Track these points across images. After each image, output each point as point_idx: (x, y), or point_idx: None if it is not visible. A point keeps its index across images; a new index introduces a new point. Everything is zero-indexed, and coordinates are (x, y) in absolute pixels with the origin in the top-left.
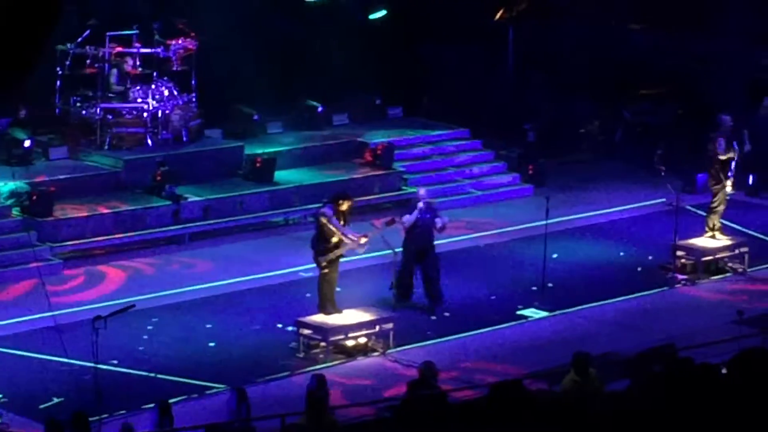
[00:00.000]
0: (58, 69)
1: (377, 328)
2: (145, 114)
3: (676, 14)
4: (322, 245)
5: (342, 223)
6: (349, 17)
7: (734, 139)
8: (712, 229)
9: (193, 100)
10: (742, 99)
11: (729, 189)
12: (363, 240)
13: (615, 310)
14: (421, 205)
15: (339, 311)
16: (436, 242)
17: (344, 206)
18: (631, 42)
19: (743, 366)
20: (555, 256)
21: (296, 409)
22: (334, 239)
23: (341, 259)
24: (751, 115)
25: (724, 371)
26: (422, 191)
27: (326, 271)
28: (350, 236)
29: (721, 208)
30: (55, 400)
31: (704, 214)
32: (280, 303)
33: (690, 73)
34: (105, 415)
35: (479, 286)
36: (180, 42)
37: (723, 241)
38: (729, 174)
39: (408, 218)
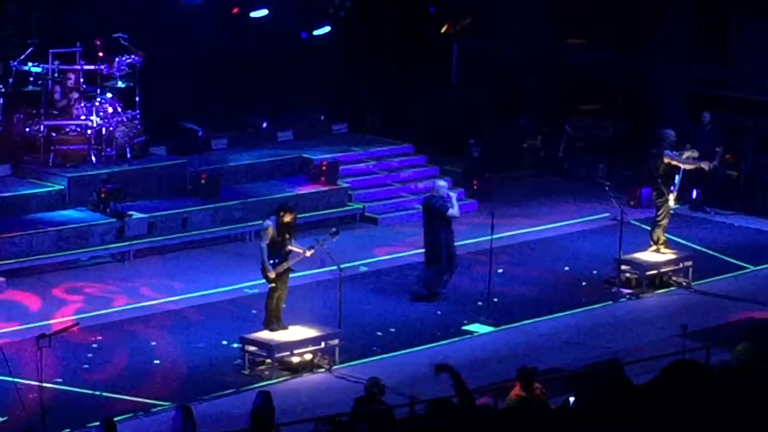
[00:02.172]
0: (0, 86)
1: (323, 344)
2: (89, 131)
3: (615, 30)
4: (271, 259)
5: (287, 236)
6: (293, 34)
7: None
8: (657, 243)
9: (138, 116)
10: (682, 114)
11: (672, 203)
12: (308, 253)
13: (560, 324)
14: (453, 194)
15: (284, 328)
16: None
17: (287, 218)
18: (572, 58)
19: (672, 378)
20: (500, 270)
21: (242, 427)
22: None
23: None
24: (692, 130)
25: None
26: (442, 182)
27: (274, 285)
28: (295, 248)
29: (665, 221)
30: (0, 419)
31: (648, 228)
32: (225, 320)
33: (630, 89)
34: None
35: (425, 302)
36: (124, 58)
37: (667, 255)
38: (672, 188)
39: (457, 210)
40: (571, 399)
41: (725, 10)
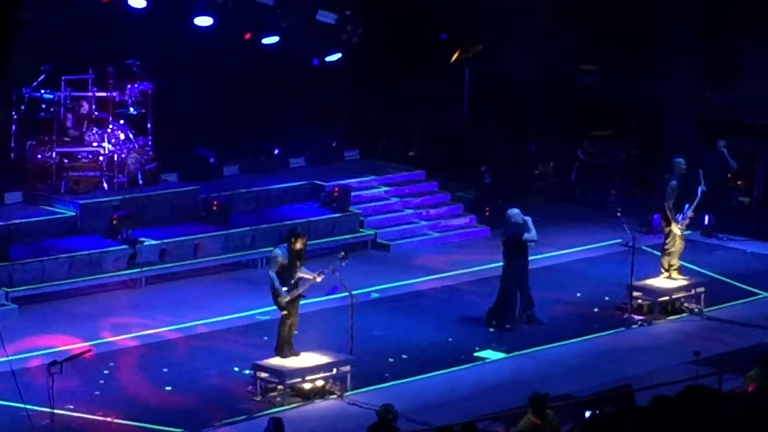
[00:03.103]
0: (13, 113)
1: (335, 370)
2: (101, 158)
3: (628, 55)
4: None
5: (297, 263)
6: (305, 60)
7: (689, 181)
8: (668, 270)
9: (149, 143)
10: (695, 139)
11: (677, 231)
12: (319, 278)
13: (572, 351)
14: (528, 219)
15: (296, 354)
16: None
17: (298, 245)
18: (585, 83)
19: (686, 404)
20: None
21: None
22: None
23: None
24: (704, 156)
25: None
26: (514, 210)
27: (286, 312)
28: (305, 275)
29: (677, 248)
30: None
31: (659, 254)
32: (237, 346)
33: (643, 114)
34: None
35: (437, 328)
36: (137, 85)
37: (679, 281)
38: (679, 217)
39: (534, 234)
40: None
41: (737, 35)
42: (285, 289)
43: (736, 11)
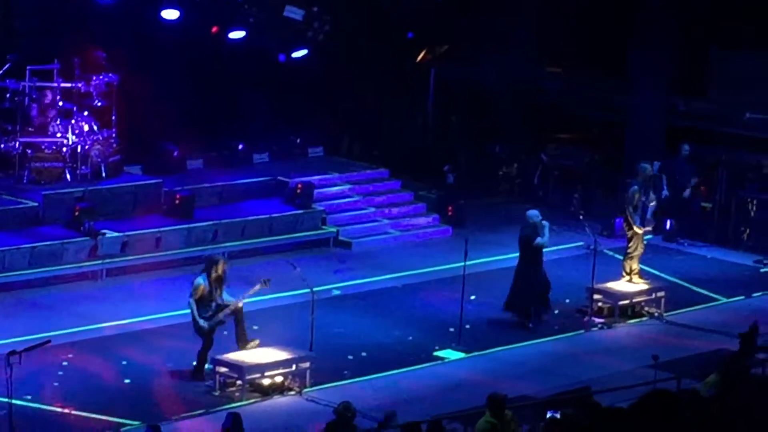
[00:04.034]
0: None
1: (294, 366)
2: (64, 149)
3: (595, 61)
4: (203, 312)
5: (217, 290)
6: (271, 56)
7: (651, 187)
8: (629, 273)
9: (113, 135)
10: (659, 145)
11: (639, 232)
12: (240, 304)
13: (532, 352)
14: (545, 223)
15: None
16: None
17: (219, 271)
18: (550, 86)
19: (647, 408)
20: (473, 297)
21: None
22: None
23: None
24: (668, 161)
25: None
26: (533, 211)
27: (206, 339)
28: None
29: (637, 252)
30: None
31: (621, 257)
32: (196, 341)
33: (607, 120)
34: None
35: (397, 327)
36: (102, 77)
37: (640, 285)
38: (637, 220)
39: (545, 239)
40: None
41: (705, 43)
42: (204, 318)
43: (704, 19)
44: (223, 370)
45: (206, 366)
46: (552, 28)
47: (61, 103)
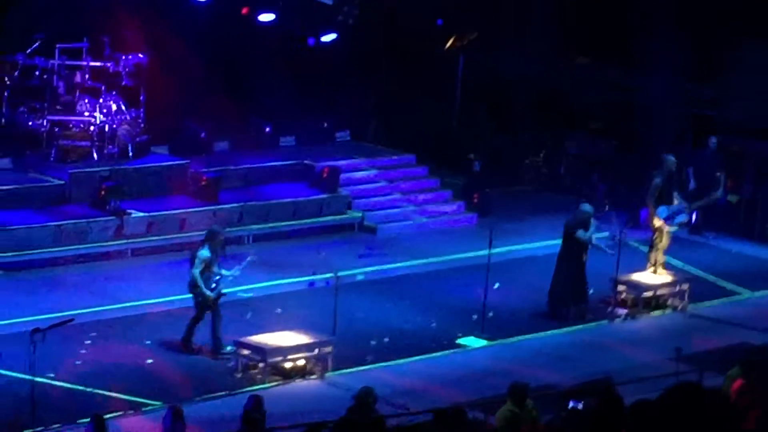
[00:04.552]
0: (6, 79)
1: (316, 351)
2: (92, 128)
3: (619, 49)
4: (207, 284)
5: (217, 260)
6: (300, 39)
7: (675, 180)
8: (654, 264)
9: (141, 115)
10: (685, 135)
11: (660, 225)
12: (237, 273)
13: (555, 342)
14: (594, 222)
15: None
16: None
17: (217, 242)
18: (577, 75)
19: (676, 400)
20: (497, 285)
21: (232, 429)
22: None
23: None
24: (695, 153)
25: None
26: (586, 206)
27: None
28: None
29: (663, 243)
30: None
31: (646, 249)
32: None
33: (633, 108)
34: (40, 428)
35: (420, 313)
36: (131, 57)
37: (664, 277)
38: (667, 210)
39: (587, 235)
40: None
41: (730, 34)
42: (210, 289)
43: (733, 9)
44: (245, 352)
45: (228, 347)
46: (578, 18)
47: (89, 82)
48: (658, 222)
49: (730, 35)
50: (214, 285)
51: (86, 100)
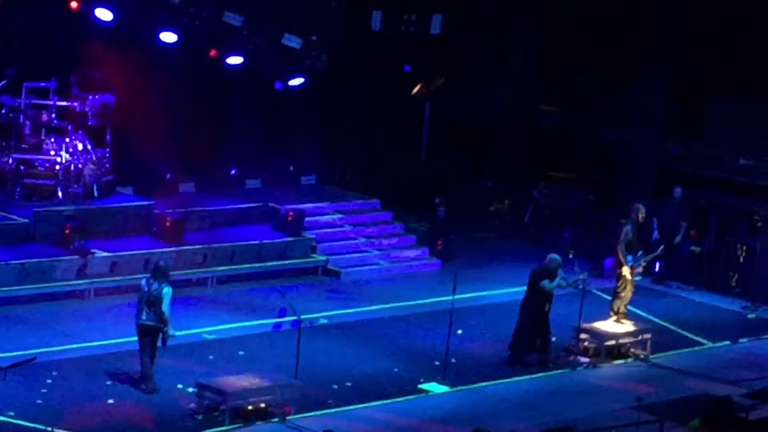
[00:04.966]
0: None
1: (278, 394)
2: (57, 167)
3: (591, 101)
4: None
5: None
6: (267, 83)
7: (644, 228)
8: (617, 313)
9: (107, 155)
10: (651, 188)
11: (628, 275)
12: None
13: (517, 389)
14: (561, 272)
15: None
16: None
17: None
18: (545, 124)
19: None
20: (459, 332)
21: None
22: None
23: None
24: (659, 205)
25: None
26: (554, 256)
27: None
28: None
29: (625, 293)
30: None
31: (610, 297)
32: (182, 363)
33: (602, 161)
34: None
35: (383, 358)
36: (98, 97)
37: (627, 326)
38: (633, 259)
39: (550, 285)
40: None
41: (699, 88)
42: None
43: (702, 65)
44: (207, 394)
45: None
46: (550, 66)
47: (56, 122)
48: (625, 270)
49: (702, 91)
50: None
51: (52, 140)
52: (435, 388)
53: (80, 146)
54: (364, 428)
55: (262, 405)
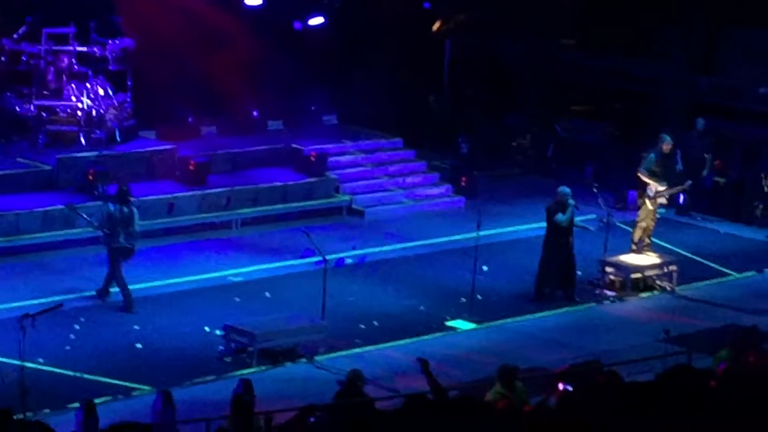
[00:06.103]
0: None
1: (306, 334)
2: (79, 112)
3: (610, 34)
4: None
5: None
6: (287, 23)
7: (668, 160)
8: (636, 242)
9: (128, 100)
10: (674, 120)
11: (649, 205)
12: None
13: (543, 324)
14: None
15: None
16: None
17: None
18: (566, 58)
19: (670, 382)
20: (485, 268)
21: (222, 413)
22: None
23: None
24: (683, 136)
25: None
26: (564, 188)
27: None
28: None
29: (649, 222)
30: None
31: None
32: (209, 306)
33: (624, 94)
34: (29, 413)
35: (408, 297)
36: (117, 41)
37: (652, 258)
38: (650, 192)
39: (563, 218)
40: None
41: (719, 20)
42: None
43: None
44: (235, 336)
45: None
46: (570, 1)
47: (76, 67)
48: (649, 197)
49: (725, 23)
50: None
51: (73, 85)
52: (461, 325)
53: (101, 91)
54: (391, 367)
55: (290, 346)
